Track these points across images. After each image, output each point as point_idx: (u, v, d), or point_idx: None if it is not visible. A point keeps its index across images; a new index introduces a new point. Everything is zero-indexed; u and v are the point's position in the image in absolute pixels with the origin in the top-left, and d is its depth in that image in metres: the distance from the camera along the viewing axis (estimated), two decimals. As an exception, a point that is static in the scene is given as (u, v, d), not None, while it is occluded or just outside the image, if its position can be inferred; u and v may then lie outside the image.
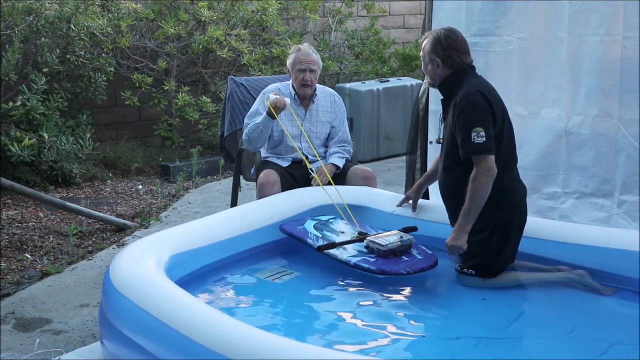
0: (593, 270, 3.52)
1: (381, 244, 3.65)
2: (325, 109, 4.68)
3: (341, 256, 3.67)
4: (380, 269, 3.57)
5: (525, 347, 3.11)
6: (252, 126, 4.46)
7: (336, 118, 4.71)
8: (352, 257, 3.65)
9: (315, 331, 3.26)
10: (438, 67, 3.65)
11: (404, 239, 3.71)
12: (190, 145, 7.41)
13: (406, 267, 3.58)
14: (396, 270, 3.57)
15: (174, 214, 5.77)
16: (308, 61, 4.56)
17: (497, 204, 3.50)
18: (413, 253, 3.71)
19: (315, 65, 4.58)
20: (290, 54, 4.64)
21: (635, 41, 4.24)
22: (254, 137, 4.46)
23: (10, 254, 4.84)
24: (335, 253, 3.69)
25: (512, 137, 3.63)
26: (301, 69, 4.55)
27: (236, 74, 7.02)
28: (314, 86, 4.62)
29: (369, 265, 3.59)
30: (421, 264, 3.62)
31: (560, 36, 4.49)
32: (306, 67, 4.54)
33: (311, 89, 4.60)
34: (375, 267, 3.58)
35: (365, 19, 9.05)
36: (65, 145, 5.49)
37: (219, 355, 2.53)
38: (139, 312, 2.86)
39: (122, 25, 6.81)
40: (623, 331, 3.15)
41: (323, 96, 4.71)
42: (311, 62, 4.56)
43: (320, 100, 4.68)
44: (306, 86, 4.57)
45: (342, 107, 4.77)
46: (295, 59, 4.58)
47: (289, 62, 4.64)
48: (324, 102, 4.70)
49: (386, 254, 3.64)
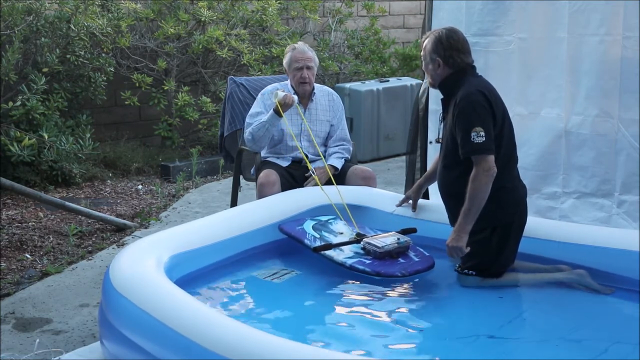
0: (593, 270, 3.52)
1: (377, 246, 3.65)
2: (324, 107, 4.69)
3: (337, 257, 3.66)
4: (376, 270, 3.57)
5: (525, 347, 3.11)
6: (258, 125, 4.45)
7: (335, 116, 4.71)
8: (348, 258, 3.65)
9: (314, 331, 3.26)
10: (439, 67, 3.65)
11: (400, 240, 3.70)
12: (190, 145, 7.41)
13: (402, 269, 3.57)
14: (391, 272, 3.57)
15: (174, 214, 5.77)
16: (304, 59, 4.56)
17: (497, 204, 3.50)
18: (410, 255, 3.70)
19: (311, 62, 4.58)
20: (286, 54, 4.65)
21: (635, 41, 4.24)
22: (259, 135, 4.45)
23: (10, 254, 4.84)
24: (331, 254, 3.69)
25: (512, 137, 3.63)
26: (298, 67, 4.55)
27: (236, 74, 7.02)
28: (312, 83, 4.62)
29: (364, 267, 3.59)
30: (417, 266, 3.62)
31: (560, 36, 4.49)
32: (303, 64, 4.55)
33: (309, 86, 4.61)
34: (370, 269, 3.58)
35: (365, 19, 9.05)
36: (65, 145, 5.49)
37: (219, 355, 2.53)
38: (138, 313, 2.86)
39: (122, 25, 6.81)
40: (623, 331, 3.15)
41: (321, 95, 4.71)
42: (307, 59, 4.57)
43: (319, 99, 4.68)
44: (304, 83, 4.58)
45: (340, 105, 4.77)
46: (291, 57, 4.59)
47: (285, 62, 4.65)
48: (323, 101, 4.70)
49: (382, 256, 3.64)
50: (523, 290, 3.60)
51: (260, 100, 4.61)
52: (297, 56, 4.57)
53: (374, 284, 3.65)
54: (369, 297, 3.58)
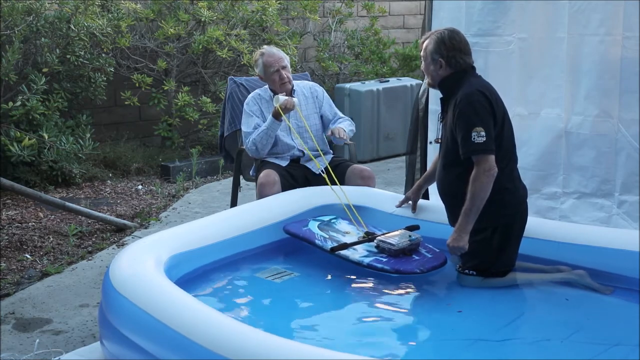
0: (593, 270, 3.52)
1: (392, 244, 3.66)
2: (307, 100, 4.70)
3: (353, 257, 3.67)
4: (395, 268, 3.58)
5: (525, 348, 3.11)
6: (259, 134, 4.47)
7: (322, 104, 4.72)
8: (364, 257, 3.66)
9: (314, 331, 3.26)
10: (441, 67, 3.65)
11: (412, 237, 3.72)
12: (190, 145, 7.41)
13: (419, 266, 3.59)
14: (410, 269, 3.57)
15: (174, 214, 5.77)
16: (276, 60, 4.58)
17: (499, 204, 3.50)
18: (422, 252, 3.72)
19: (284, 62, 4.61)
20: (256, 61, 4.64)
21: (635, 41, 4.24)
22: (263, 143, 4.48)
23: (10, 254, 4.84)
24: (346, 254, 3.69)
25: (512, 137, 3.63)
26: (274, 70, 4.57)
27: (236, 74, 7.02)
28: (291, 81, 4.64)
29: (382, 265, 3.60)
30: (433, 262, 3.63)
31: (560, 36, 4.49)
32: (277, 66, 4.56)
33: (290, 83, 4.63)
34: (389, 267, 3.58)
35: (365, 19, 9.05)
36: (65, 145, 5.49)
37: (219, 355, 2.53)
38: (138, 313, 2.86)
39: (122, 25, 6.81)
40: (623, 331, 3.15)
41: (301, 90, 4.72)
42: (279, 59, 4.59)
43: (299, 95, 4.68)
44: (285, 83, 4.59)
45: (322, 92, 4.79)
46: (263, 64, 4.59)
47: (259, 70, 4.64)
48: (305, 94, 4.71)
49: (397, 253, 3.65)
50: (523, 290, 3.60)
51: (247, 109, 4.62)
52: (269, 60, 4.58)
53: (372, 284, 3.65)
54: (369, 297, 3.58)
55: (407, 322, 3.35)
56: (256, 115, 4.56)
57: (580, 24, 4.41)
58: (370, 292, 3.62)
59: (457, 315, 3.38)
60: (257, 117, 4.56)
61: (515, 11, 4.64)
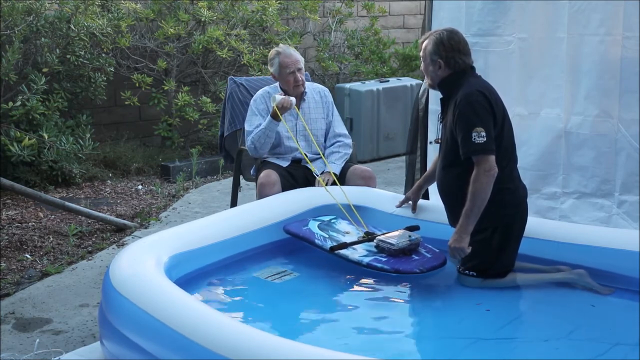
0: (593, 270, 3.52)
1: (392, 243, 3.66)
2: (317, 104, 4.70)
3: (352, 256, 3.67)
4: (394, 268, 3.58)
5: (525, 348, 3.11)
6: (258, 133, 4.47)
7: (328, 112, 4.72)
8: (363, 257, 3.66)
9: (314, 331, 3.26)
10: (440, 68, 3.65)
11: (412, 237, 3.72)
12: (190, 145, 7.41)
13: (419, 266, 3.59)
14: (410, 269, 3.57)
15: (174, 214, 5.77)
16: (293, 62, 4.57)
17: (499, 204, 3.50)
18: (422, 252, 3.72)
19: (300, 64, 4.61)
20: (272, 59, 4.62)
21: (635, 41, 4.24)
22: (261, 142, 4.48)
23: (10, 254, 4.84)
24: (346, 253, 3.69)
25: (512, 137, 3.63)
26: (290, 72, 4.56)
27: (236, 74, 7.02)
28: (305, 84, 4.64)
29: (382, 264, 3.60)
30: (432, 262, 3.63)
31: (560, 36, 4.49)
32: (294, 68, 4.56)
33: (303, 86, 4.63)
34: (389, 267, 3.58)
35: (365, 19, 9.05)
36: (65, 145, 5.49)
37: (218, 355, 2.53)
38: (138, 313, 2.86)
39: (122, 25, 6.80)
40: (623, 331, 3.15)
41: (312, 93, 4.72)
42: (296, 62, 4.59)
43: (311, 98, 4.69)
44: (299, 86, 4.59)
45: (330, 99, 4.78)
46: (280, 63, 4.58)
47: (273, 68, 4.62)
48: (315, 99, 4.71)
49: (397, 253, 3.65)
50: (523, 290, 3.60)
51: (253, 106, 4.62)
52: (286, 61, 4.57)
53: (372, 284, 3.65)
54: (369, 297, 3.58)
55: (406, 322, 3.35)
56: (262, 114, 4.55)
57: (580, 24, 4.41)
58: (370, 292, 3.62)
59: (456, 316, 3.38)
60: (262, 115, 4.54)
61: (515, 11, 4.64)
